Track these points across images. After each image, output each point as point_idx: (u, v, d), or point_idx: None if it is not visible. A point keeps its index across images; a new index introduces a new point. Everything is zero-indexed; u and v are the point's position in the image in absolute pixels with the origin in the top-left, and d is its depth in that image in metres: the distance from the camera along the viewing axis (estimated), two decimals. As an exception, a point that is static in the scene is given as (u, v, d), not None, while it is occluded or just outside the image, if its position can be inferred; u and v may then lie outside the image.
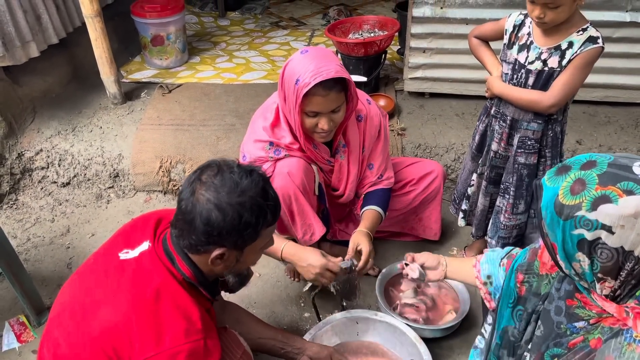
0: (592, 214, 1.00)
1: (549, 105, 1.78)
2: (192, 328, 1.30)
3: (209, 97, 3.37)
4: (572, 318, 1.21)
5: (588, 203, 1.01)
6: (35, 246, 2.63)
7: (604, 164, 1.03)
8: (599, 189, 1.01)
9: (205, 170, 1.35)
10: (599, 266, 1.04)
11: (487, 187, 2.09)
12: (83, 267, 1.48)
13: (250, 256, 1.44)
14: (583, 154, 1.11)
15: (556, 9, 1.64)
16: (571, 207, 1.03)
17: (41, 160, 2.98)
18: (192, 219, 1.30)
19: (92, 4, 2.92)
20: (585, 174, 1.04)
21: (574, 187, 1.03)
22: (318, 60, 1.78)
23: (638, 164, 1.02)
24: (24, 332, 2.18)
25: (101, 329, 1.27)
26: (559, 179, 1.07)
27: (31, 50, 3.03)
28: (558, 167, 1.10)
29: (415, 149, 2.92)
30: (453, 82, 3.12)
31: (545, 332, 1.29)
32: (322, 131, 1.88)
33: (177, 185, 2.90)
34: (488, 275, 1.55)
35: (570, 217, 1.03)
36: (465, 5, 2.84)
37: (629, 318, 1.07)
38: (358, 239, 1.98)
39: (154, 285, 1.32)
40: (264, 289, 2.33)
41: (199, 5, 5.02)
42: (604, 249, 1.02)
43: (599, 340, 1.13)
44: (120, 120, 3.16)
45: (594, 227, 1.01)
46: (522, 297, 1.39)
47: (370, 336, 2.01)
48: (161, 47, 3.66)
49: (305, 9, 5.01)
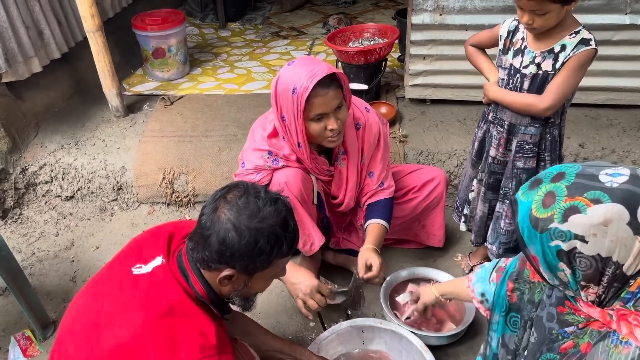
0: (564, 225, 1.03)
1: (544, 108, 1.79)
2: (207, 344, 1.29)
3: (211, 108, 3.39)
4: (563, 324, 1.24)
5: (559, 215, 1.04)
6: (40, 260, 2.64)
7: (571, 175, 1.07)
8: (567, 200, 1.04)
9: (232, 190, 1.36)
10: (580, 274, 1.07)
11: (486, 194, 2.09)
12: (95, 280, 1.47)
13: (259, 283, 1.43)
14: (555, 166, 1.14)
15: (544, 16, 1.66)
16: (544, 220, 1.06)
17: (45, 174, 2.99)
18: (209, 235, 1.31)
19: (94, 18, 2.94)
20: (555, 187, 1.07)
21: (545, 200, 1.07)
22: (307, 64, 1.81)
23: (605, 172, 1.05)
24: (29, 346, 2.18)
25: (115, 344, 1.27)
26: (531, 193, 1.10)
27: (34, 66, 3.05)
28: (531, 181, 1.14)
29: (417, 155, 2.92)
30: (454, 88, 3.13)
31: (538, 338, 1.31)
32: (332, 132, 1.87)
33: (181, 197, 2.91)
34: (482, 294, 1.57)
35: (545, 230, 1.06)
36: (464, 11, 2.85)
37: (612, 321, 1.09)
38: (366, 255, 1.97)
39: (168, 301, 1.32)
40: (268, 299, 2.32)
41: (200, 17, 5.06)
42: (582, 258, 1.04)
43: (588, 344, 1.16)
44: (122, 132, 3.18)
45: (567, 237, 1.03)
46: (514, 304, 1.41)
47: (376, 345, 2.00)
48: (162, 60, 3.68)
49: (305, 19, 5.04)
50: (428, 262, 2.44)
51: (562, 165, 1.12)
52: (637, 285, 1.06)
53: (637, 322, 1.04)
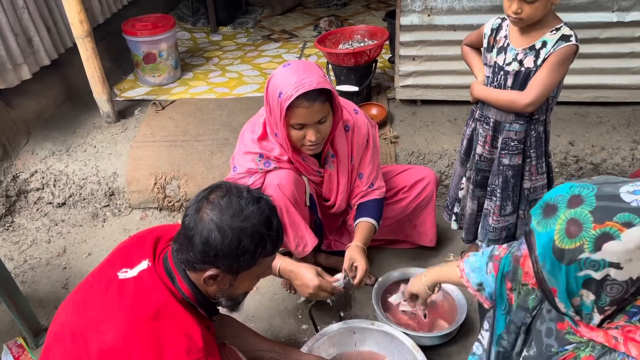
0: (597, 254, 0.97)
1: (525, 104, 1.80)
2: (194, 347, 1.29)
3: (202, 112, 3.39)
4: (562, 342, 1.19)
5: (590, 244, 0.97)
6: (32, 268, 2.63)
7: (591, 198, 1.00)
8: (597, 227, 0.97)
9: (215, 190, 1.36)
10: (607, 300, 1.01)
11: (474, 191, 2.10)
12: (81, 286, 1.48)
13: (244, 282, 1.43)
14: (561, 186, 1.06)
15: (533, 4, 1.67)
16: (573, 251, 0.99)
17: (36, 181, 2.98)
18: (192, 235, 1.31)
19: (83, 24, 2.94)
20: (577, 213, 0.99)
21: (570, 229, 0.99)
22: (300, 72, 1.79)
23: (625, 189, 0.99)
24: (22, 354, 2.17)
25: (101, 349, 1.27)
26: (549, 222, 1.02)
27: (23, 73, 3.05)
28: (543, 208, 1.05)
29: (408, 156, 2.92)
30: (444, 88, 3.13)
31: (537, 352, 1.28)
32: (310, 143, 1.89)
33: (173, 202, 2.90)
34: (479, 283, 1.54)
35: (574, 261, 0.99)
36: (452, 12, 2.86)
37: (619, 344, 1.04)
38: (353, 254, 1.97)
39: (154, 304, 1.32)
40: (261, 302, 2.33)
41: (191, 22, 5.06)
42: (614, 285, 0.99)
43: (590, 358, 1.11)
44: (114, 138, 3.17)
45: (601, 267, 0.97)
46: (512, 306, 1.39)
47: (368, 346, 2.00)
48: (153, 65, 3.68)
49: (296, 21, 5.04)
50: (420, 262, 2.44)
51: (572, 186, 1.04)
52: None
53: None
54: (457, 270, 1.61)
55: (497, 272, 1.44)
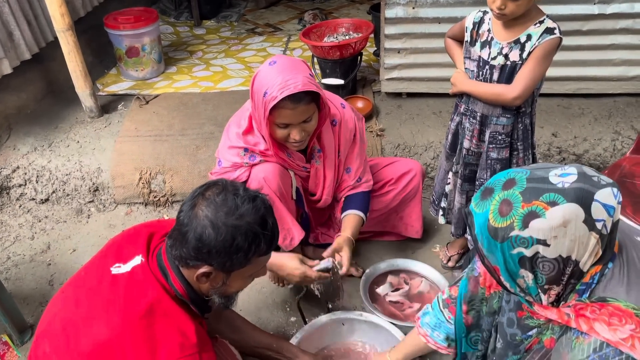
0: (525, 231, 1.03)
1: (513, 97, 1.81)
2: (187, 342, 1.29)
3: (187, 106, 3.36)
4: (525, 329, 1.25)
5: (519, 222, 1.04)
6: (15, 264, 2.60)
7: (522, 180, 1.07)
8: (525, 206, 1.03)
9: (211, 187, 1.36)
10: (544, 278, 1.07)
11: (463, 185, 2.11)
12: (73, 280, 1.46)
13: (237, 281, 1.42)
14: (502, 172, 1.14)
15: (517, 1, 1.67)
16: (504, 229, 1.05)
17: (18, 177, 2.94)
18: (186, 231, 1.31)
19: (64, 17, 2.90)
20: (509, 194, 1.06)
21: (502, 208, 1.06)
22: (286, 72, 1.77)
23: (553, 172, 1.06)
24: (7, 351, 2.15)
25: (93, 344, 1.26)
26: (485, 203, 1.09)
27: (3, 68, 3.00)
28: (481, 191, 1.13)
29: (394, 149, 2.94)
30: (429, 81, 3.15)
31: (503, 344, 1.33)
32: (294, 141, 1.89)
33: (158, 197, 2.88)
34: (446, 338, 1.56)
35: (506, 239, 1.06)
36: (437, 4, 2.87)
37: (571, 320, 1.09)
38: (340, 244, 1.98)
39: (147, 300, 1.31)
40: (249, 295, 2.32)
41: (174, 15, 5.01)
42: (545, 262, 1.05)
43: (552, 339, 1.17)
44: (97, 133, 3.14)
45: (530, 243, 1.04)
46: (472, 326, 1.43)
47: (357, 337, 2.01)
48: (137, 59, 3.64)
49: (281, 15, 5.02)
50: (407, 253, 2.46)
51: (509, 171, 1.12)
52: (589, 276, 1.08)
53: (595, 316, 1.05)
54: (420, 337, 1.61)
55: (455, 313, 1.47)
